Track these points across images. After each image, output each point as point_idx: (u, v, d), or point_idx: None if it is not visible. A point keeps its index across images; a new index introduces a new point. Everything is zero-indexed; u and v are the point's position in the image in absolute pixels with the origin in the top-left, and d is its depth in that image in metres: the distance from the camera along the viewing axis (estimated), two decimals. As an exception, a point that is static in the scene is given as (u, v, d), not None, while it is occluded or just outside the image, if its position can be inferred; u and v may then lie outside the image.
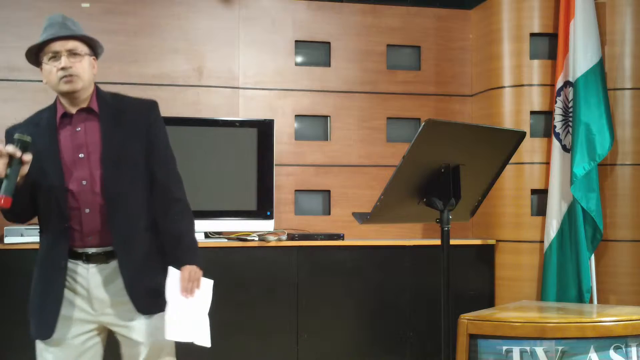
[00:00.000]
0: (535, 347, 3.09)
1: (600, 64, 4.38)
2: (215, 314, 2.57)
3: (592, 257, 4.36)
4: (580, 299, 4.29)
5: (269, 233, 4.30)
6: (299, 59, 4.80)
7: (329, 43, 4.80)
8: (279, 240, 4.25)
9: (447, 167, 2.35)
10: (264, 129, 4.41)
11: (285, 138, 4.68)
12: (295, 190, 4.71)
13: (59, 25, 2.44)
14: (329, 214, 4.75)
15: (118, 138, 2.43)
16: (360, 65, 4.82)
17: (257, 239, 4.23)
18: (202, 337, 2.45)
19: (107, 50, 4.48)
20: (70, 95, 2.42)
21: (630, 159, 4.48)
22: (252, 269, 4.18)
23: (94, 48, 2.52)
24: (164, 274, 2.44)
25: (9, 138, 2.41)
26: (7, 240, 3.95)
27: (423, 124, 2.21)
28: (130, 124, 2.46)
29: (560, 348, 3.08)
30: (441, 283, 2.39)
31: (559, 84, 4.45)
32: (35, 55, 2.46)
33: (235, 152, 4.38)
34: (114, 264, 2.42)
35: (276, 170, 4.47)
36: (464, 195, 2.36)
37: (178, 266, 2.45)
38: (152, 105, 2.56)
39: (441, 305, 2.40)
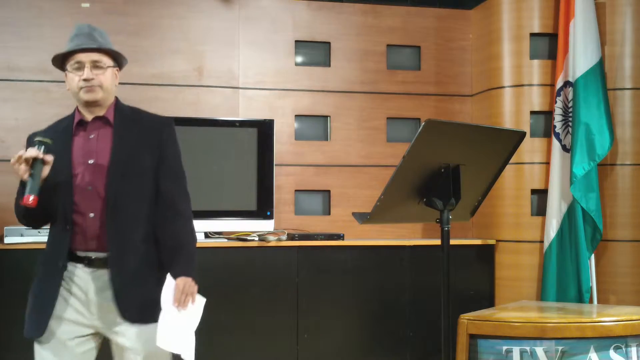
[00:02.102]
0: (535, 347, 3.09)
1: (600, 64, 4.38)
2: (215, 314, 2.58)
3: (592, 257, 4.36)
4: (580, 299, 4.29)
5: (269, 233, 4.30)
6: (299, 59, 4.80)
7: (329, 43, 4.80)
8: (279, 240, 4.25)
9: (447, 167, 2.35)
10: (264, 129, 4.41)
11: (285, 138, 4.68)
12: (295, 190, 4.71)
13: (86, 36, 2.47)
14: (329, 214, 4.75)
15: (128, 148, 2.48)
16: (360, 65, 4.82)
17: (257, 239, 4.23)
18: (188, 352, 2.44)
19: (107, 50, 4.50)
20: (90, 105, 2.49)
21: (630, 159, 4.48)
22: (252, 269, 4.18)
23: (118, 60, 2.56)
24: (160, 285, 2.44)
25: (31, 143, 2.51)
26: (7, 240, 3.95)
27: (423, 124, 2.21)
28: (142, 137, 2.51)
29: (560, 348, 3.08)
30: (441, 283, 2.39)
31: (559, 84, 4.45)
32: (60, 61, 2.52)
33: (235, 152, 4.38)
34: (106, 271, 2.45)
35: (276, 170, 4.47)
36: (464, 195, 2.36)
37: (173, 275, 2.46)
38: (167, 121, 2.60)
39: (441, 305, 2.40)
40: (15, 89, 4.36)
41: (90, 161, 2.46)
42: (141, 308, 2.43)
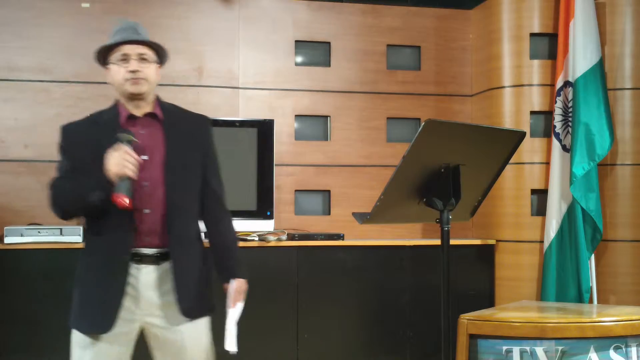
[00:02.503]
0: (535, 347, 3.09)
1: (600, 64, 4.38)
2: (215, 314, 2.57)
3: (592, 257, 4.36)
4: (580, 299, 4.29)
5: (269, 233, 4.30)
6: (299, 59, 4.80)
7: (329, 43, 4.80)
8: (279, 240, 4.25)
9: (447, 167, 2.34)
10: (264, 129, 4.41)
11: (285, 138, 4.68)
12: (295, 190, 4.71)
13: (132, 30, 2.50)
14: (329, 214, 4.75)
15: (180, 145, 2.49)
16: (360, 65, 4.83)
17: (257, 239, 4.22)
18: (234, 345, 2.54)
19: (107, 50, 4.50)
20: (134, 98, 2.47)
21: (630, 159, 4.48)
22: (252, 269, 4.12)
23: (162, 57, 2.59)
24: (209, 281, 2.53)
25: (67, 135, 2.48)
26: (7, 240, 3.95)
27: (423, 124, 2.21)
28: (190, 134, 2.53)
29: (560, 348, 3.08)
30: (441, 283, 2.39)
31: (559, 84, 4.45)
32: (104, 55, 2.51)
33: (235, 152, 4.38)
34: (165, 265, 2.44)
35: (276, 170, 4.47)
36: (464, 195, 2.36)
37: (228, 277, 2.54)
38: (208, 119, 2.67)
39: (441, 305, 2.40)
40: (15, 89, 4.36)
41: (144, 157, 2.43)
42: (197, 304, 2.47)
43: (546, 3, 4.58)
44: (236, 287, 2.53)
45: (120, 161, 2.29)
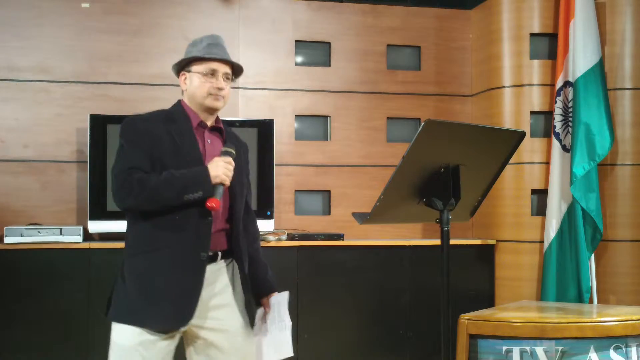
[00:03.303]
0: (535, 347, 3.09)
1: (600, 64, 4.38)
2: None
3: (592, 257, 4.36)
4: (580, 299, 4.29)
5: (269, 233, 4.30)
6: (299, 59, 4.80)
7: (329, 43, 4.80)
8: (279, 240, 4.25)
9: (447, 167, 2.34)
10: (264, 129, 4.41)
11: (285, 138, 4.68)
12: (295, 190, 4.71)
13: (222, 48, 2.63)
14: (329, 214, 4.75)
15: (238, 159, 2.57)
16: (360, 65, 4.83)
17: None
18: (288, 350, 2.68)
19: (107, 50, 4.51)
20: (211, 112, 2.58)
21: (630, 159, 4.48)
22: (252, 269, 4.18)
23: (236, 75, 2.68)
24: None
25: (137, 127, 2.48)
26: (7, 240, 3.95)
27: (423, 124, 2.20)
28: (239, 154, 2.62)
29: (560, 348, 3.08)
30: (441, 283, 2.39)
31: (559, 84, 4.45)
32: (187, 62, 2.59)
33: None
34: (211, 267, 2.47)
35: (276, 170, 4.47)
36: (463, 195, 2.36)
37: (267, 291, 2.69)
38: (247, 146, 2.81)
39: (441, 305, 2.40)
40: (15, 89, 4.36)
41: None
42: (253, 311, 2.64)
43: (546, 3, 4.58)
44: (275, 303, 2.68)
45: (226, 171, 2.41)
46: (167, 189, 2.37)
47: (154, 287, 2.39)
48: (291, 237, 4.31)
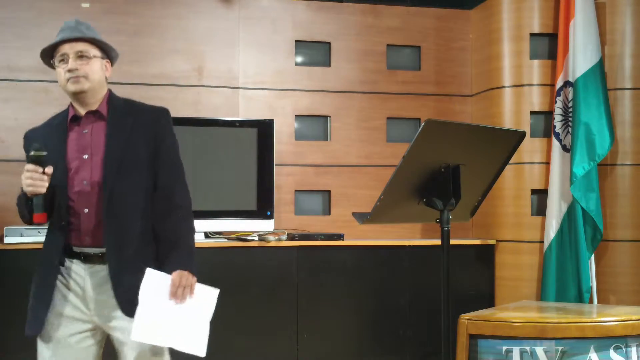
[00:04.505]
0: (535, 347, 3.09)
1: (600, 64, 4.38)
2: (215, 314, 2.56)
3: (592, 257, 4.36)
4: (580, 299, 4.29)
5: (269, 233, 4.30)
6: (299, 59, 4.80)
7: (329, 43, 4.80)
8: (279, 240, 4.25)
9: (447, 167, 2.34)
10: (264, 129, 4.41)
11: (285, 138, 4.67)
12: (295, 190, 4.71)
13: (70, 29, 2.48)
14: (329, 214, 4.75)
15: (123, 142, 2.44)
16: (360, 65, 4.82)
17: (257, 239, 4.23)
18: (197, 346, 2.42)
19: (107, 50, 4.49)
20: (78, 96, 2.46)
21: (630, 159, 4.48)
22: (252, 269, 4.18)
23: (107, 52, 2.54)
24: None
25: (26, 141, 2.52)
26: (7, 240, 3.95)
27: (423, 124, 2.21)
28: (137, 130, 2.48)
29: (560, 348, 3.08)
30: (441, 283, 2.39)
31: (559, 84, 4.44)
32: (49, 58, 2.53)
33: (235, 152, 4.38)
34: (99, 266, 2.44)
35: (276, 170, 4.47)
36: (464, 195, 2.36)
37: (170, 270, 2.42)
38: (162, 112, 2.58)
39: (441, 305, 2.40)
40: (15, 89, 4.36)
41: (85, 156, 2.44)
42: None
43: (546, 3, 4.57)
44: (175, 280, 2.39)
45: (29, 181, 2.31)
46: (19, 209, 2.50)
47: (31, 295, 2.48)
48: (291, 237, 4.31)
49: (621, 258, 4.47)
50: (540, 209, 4.55)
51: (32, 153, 2.31)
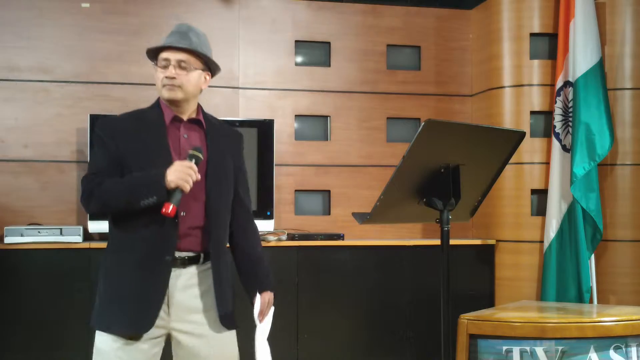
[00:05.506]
0: (535, 347, 3.09)
1: (600, 64, 4.38)
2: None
3: (592, 257, 4.36)
4: (580, 299, 4.29)
5: (269, 233, 4.30)
6: (299, 59, 4.80)
7: (329, 43, 4.80)
8: (279, 240, 4.25)
9: (447, 167, 2.34)
10: (264, 129, 4.41)
11: (285, 138, 4.68)
12: (295, 190, 4.71)
13: (180, 35, 2.45)
14: (329, 214, 4.75)
15: (220, 153, 2.48)
16: (360, 65, 4.82)
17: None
18: (267, 357, 2.55)
19: (107, 50, 4.51)
20: (172, 103, 2.45)
21: (630, 159, 4.48)
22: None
23: (209, 64, 2.52)
24: (232, 290, 2.52)
25: (109, 127, 2.43)
26: (7, 240, 3.95)
27: (423, 124, 2.20)
28: (228, 144, 2.55)
29: (560, 348, 3.08)
30: (441, 283, 2.39)
31: (559, 84, 4.45)
32: (154, 56, 2.49)
33: (235, 152, 4.38)
34: (192, 269, 2.41)
35: (276, 170, 4.47)
36: (463, 195, 2.36)
37: (257, 288, 2.55)
38: (242, 137, 2.69)
39: (441, 305, 2.40)
40: (15, 89, 4.36)
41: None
42: (232, 313, 2.48)
43: (546, 3, 4.57)
44: (265, 300, 2.55)
45: (184, 176, 2.28)
46: (122, 194, 2.33)
47: (117, 290, 2.36)
48: (291, 237, 4.31)
49: (621, 258, 4.47)
50: (540, 209, 4.55)
51: (192, 152, 2.34)
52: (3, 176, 4.31)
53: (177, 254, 2.38)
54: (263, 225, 4.31)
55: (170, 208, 2.25)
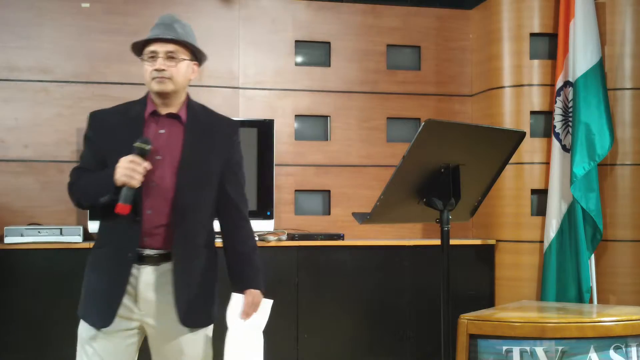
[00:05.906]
0: (535, 347, 3.09)
1: (600, 64, 4.38)
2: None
3: (592, 257, 4.36)
4: (580, 299, 4.29)
5: (269, 233, 4.30)
6: (299, 59, 4.80)
7: (329, 43, 4.80)
8: (279, 240, 4.25)
9: (447, 167, 2.34)
10: (264, 129, 4.41)
11: (285, 138, 4.67)
12: (295, 190, 4.71)
13: (165, 27, 2.44)
14: (329, 214, 4.75)
15: (198, 149, 2.44)
16: (360, 65, 4.82)
17: (257, 239, 4.21)
18: (257, 356, 2.49)
19: (107, 50, 4.51)
20: (161, 96, 2.44)
21: (630, 159, 4.48)
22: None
23: (197, 54, 2.52)
24: (213, 291, 2.49)
25: (94, 122, 2.48)
26: (7, 240, 3.95)
27: (423, 124, 2.20)
28: (213, 139, 2.48)
29: (560, 348, 3.08)
30: (441, 283, 2.39)
31: (559, 84, 4.45)
32: (139, 49, 2.47)
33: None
34: (164, 267, 2.41)
35: (276, 170, 4.47)
36: (463, 195, 2.36)
37: (243, 286, 2.49)
38: (236, 126, 2.60)
39: (441, 305, 2.40)
40: (15, 89, 4.36)
41: (158, 157, 2.39)
42: (198, 313, 2.44)
43: (546, 3, 4.57)
44: (248, 300, 2.49)
45: (127, 171, 2.26)
46: (89, 191, 2.37)
47: (90, 283, 2.45)
48: (291, 237, 4.31)
49: (621, 258, 4.47)
50: (540, 209, 4.55)
51: (138, 144, 2.28)
52: (3, 176, 4.31)
53: (145, 252, 2.39)
54: (263, 225, 4.31)
55: (121, 207, 2.25)
